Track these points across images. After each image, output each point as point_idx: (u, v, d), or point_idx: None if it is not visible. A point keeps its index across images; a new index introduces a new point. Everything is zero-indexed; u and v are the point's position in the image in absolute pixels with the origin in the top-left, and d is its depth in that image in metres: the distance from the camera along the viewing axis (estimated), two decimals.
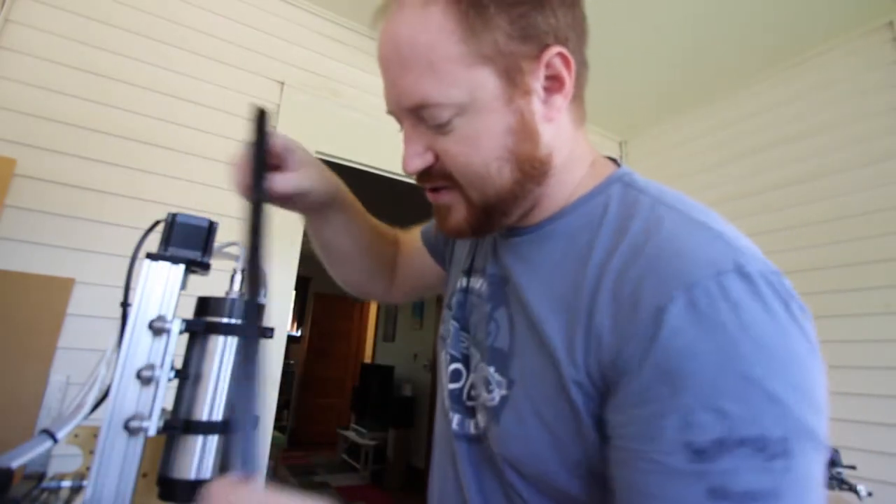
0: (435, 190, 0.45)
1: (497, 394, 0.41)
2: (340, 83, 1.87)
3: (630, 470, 0.32)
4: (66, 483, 0.45)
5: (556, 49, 0.40)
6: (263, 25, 1.74)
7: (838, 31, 1.82)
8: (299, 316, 6.62)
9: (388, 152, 1.92)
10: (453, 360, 0.51)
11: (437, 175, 0.43)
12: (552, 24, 0.39)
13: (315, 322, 6.41)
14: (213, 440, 0.44)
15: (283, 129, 1.70)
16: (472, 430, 0.46)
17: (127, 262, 0.46)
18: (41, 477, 0.47)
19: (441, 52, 0.37)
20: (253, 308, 0.40)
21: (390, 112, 0.44)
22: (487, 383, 0.43)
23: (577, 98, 0.44)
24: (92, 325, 1.29)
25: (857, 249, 1.67)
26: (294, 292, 2.05)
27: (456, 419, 0.48)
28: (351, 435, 4.96)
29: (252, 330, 0.40)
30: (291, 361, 6.04)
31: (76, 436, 0.47)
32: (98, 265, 1.33)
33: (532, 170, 0.41)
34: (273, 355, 1.54)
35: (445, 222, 0.45)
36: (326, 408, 6.18)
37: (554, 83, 0.41)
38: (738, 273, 0.31)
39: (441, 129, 0.40)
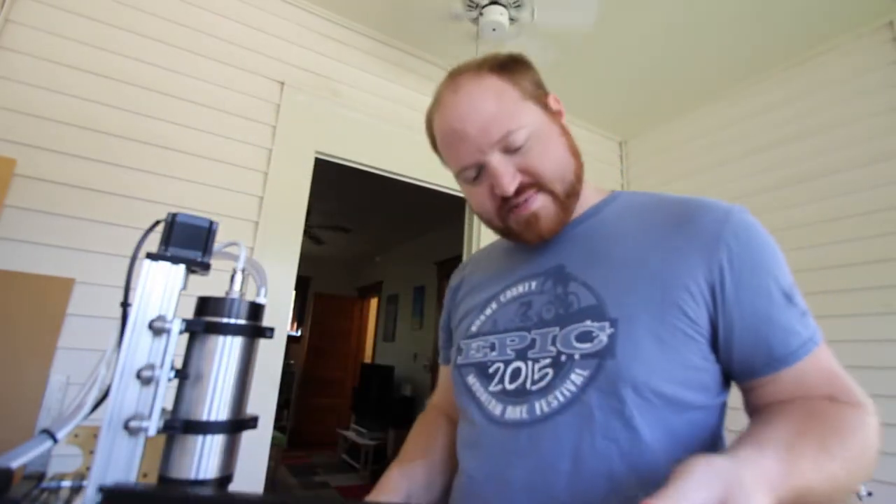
0: (523, 204, 0.59)
1: (603, 335, 0.52)
2: (340, 83, 1.87)
3: (757, 317, 0.51)
4: (66, 483, 0.45)
5: (552, 94, 0.64)
6: (263, 25, 1.75)
7: (838, 31, 1.82)
8: (299, 316, 6.62)
9: (387, 152, 1.92)
10: (508, 363, 0.58)
11: (526, 187, 0.58)
12: (542, 81, 0.64)
13: (315, 322, 6.41)
14: (214, 440, 0.44)
15: (283, 129, 1.70)
16: (545, 409, 0.53)
17: (127, 262, 0.46)
18: (41, 477, 0.47)
19: (506, 98, 0.58)
20: None
21: (468, 167, 0.59)
22: (586, 335, 0.53)
23: None
24: (92, 325, 1.29)
25: (857, 249, 1.68)
26: (294, 292, 2.05)
27: (523, 410, 0.54)
28: (351, 435, 4.96)
29: None
30: (291, 361, 6.04)
31: (76, 436, 0.47)
32: (98, 265, 1.33)
33: (581, 162, 0.63)
34: (273, 355, 1.54)
35: (540, 225, 0.60)
36: (326, 408, 6.18)
37: (559, 114, 0.63)
38: (744, 210, 0.56)
39: (521, 149, 0.57)
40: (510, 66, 0.60)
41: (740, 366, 0.52)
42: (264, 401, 1.51)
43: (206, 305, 0.47)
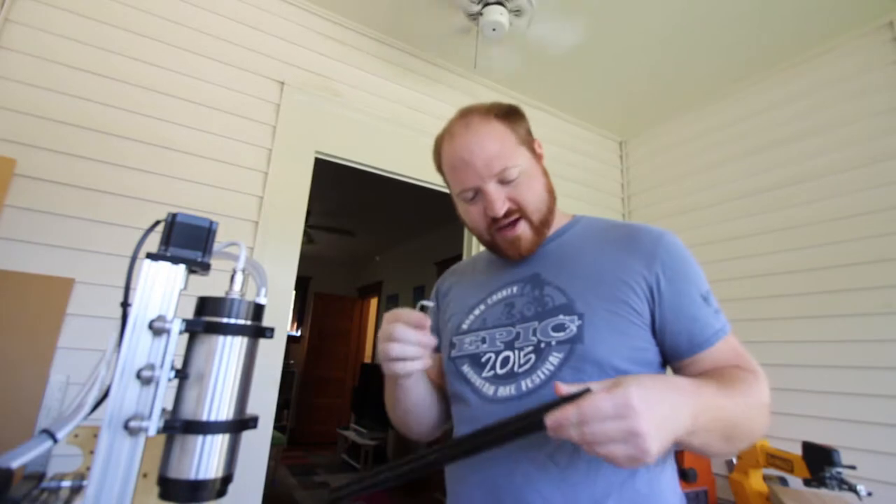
0: (508, 227, 0.73)
1: (573, 325, 0.67)
2: (340, 83, 1.87)
3: (682, 313, 0.66)
4: (66, 483, 0.45)
5: (537, 140, 0.79)
6: (263, 25, 1.74)
7: (838, 31, 1.82)
8: (299, 316, 6.62)
9: (387, 152, 1.92)
10: (498, 353, 0.72)
11: (511, 212, 0.72)
12: (530, 129, 0.78)
13: (315, 322, 6.41)
14: (214, 440, 0.44)
15: (283, 129, 1.70)
16: (529, 385, 0.66)
17: (127, 262, 0.46)
18: (41, 477, 0.47)
19: (507, 141, 0.72)
20: None
21: (468, 189, 0.73)
22: (560, 326, 0.68)
23: None
24: (92, 325, 1.29)
25: (857, 249, 1.68)
26: (294, 292, 2.05)
27: (512, 389, 0.68)
28: (351, 435, 4.96)
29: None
30: (291, 361, 6.04)
31: (76, 436, 0.47)
32: (98, 265, 1.33)
33: (554, 198, 0.78)
34: (273, 355, 1.54)
35: (521, 245, 0.74)
36: (326, 408, 6.18)
37: (540, 157, 0.78)
38: (673, 233, 0.72)
39: (512, 182, 0.71)
40: (511, 115, 0.75)
41: (670, 349, 0.68)
42: (264, 401, 1.51)
43: (206, 305, 0.47)
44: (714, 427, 0.55)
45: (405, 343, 0.63)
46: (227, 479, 0.46)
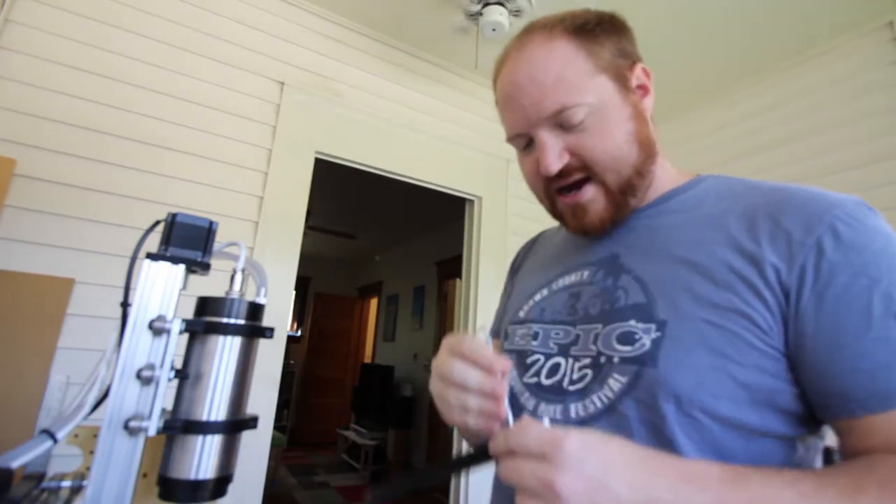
0: (572, 189, 0.54)
1: (647, 339, 0.46)
2: (340, 83, 1.87)
3: (835, 342, 0.39)
4: (66, 483, 0.45)
5: (640, 65, 0.56)
6: (263, 25, 1.74)
7: (838, 31, 1.82)
8: (299, 316, 6.62)
9: (387, 152, 1.92)
10: (548, 357, 0.55)
11: (573, 170, 0.52)
12: (633, 48, 0.56)
13: (315, 322, 6.40)
14: (213, 440, 0.44)
15: (283, 129, 1.70)
16: (581, 413, 0.48)
17: (127, 262, 0.46)
18: (41, 477, 0.47)
19: (572, 69, 0.50)
20: None
21: (517, 135, 0.55)
22: (629, 337, 0.47)
23: None
24: (92, 325, 1.29)
25: None
26: (294, 292, 2.05)
27: (558, 410, 0.50)
28: (351, 435, 4.96)
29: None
30: (291, 361, 6.04)
31: (76, 436, 0.47)
32: (98, 265, 1.33)
33: (649, 148, 0.55)
34: (273, 355, 1.54)
35: (585, 218, 0.54)
36: (326, 408, 6.18)
37: (642, 90, 0.56)
38: (862, 203, 0.45)
39: (576, 128, 0.50)
40: (591, 31, 0.52)
41: (814, 399, 0.42)
42: (264, 401, 1.51)
43: (206, 305, 0.47)
44: None
45: (466, 390, 0.46)
46: (227, 479, 0.46)
